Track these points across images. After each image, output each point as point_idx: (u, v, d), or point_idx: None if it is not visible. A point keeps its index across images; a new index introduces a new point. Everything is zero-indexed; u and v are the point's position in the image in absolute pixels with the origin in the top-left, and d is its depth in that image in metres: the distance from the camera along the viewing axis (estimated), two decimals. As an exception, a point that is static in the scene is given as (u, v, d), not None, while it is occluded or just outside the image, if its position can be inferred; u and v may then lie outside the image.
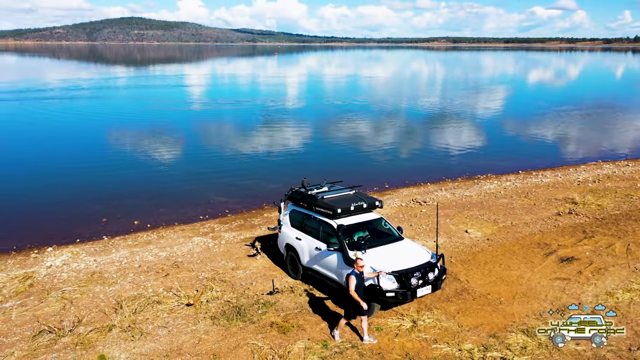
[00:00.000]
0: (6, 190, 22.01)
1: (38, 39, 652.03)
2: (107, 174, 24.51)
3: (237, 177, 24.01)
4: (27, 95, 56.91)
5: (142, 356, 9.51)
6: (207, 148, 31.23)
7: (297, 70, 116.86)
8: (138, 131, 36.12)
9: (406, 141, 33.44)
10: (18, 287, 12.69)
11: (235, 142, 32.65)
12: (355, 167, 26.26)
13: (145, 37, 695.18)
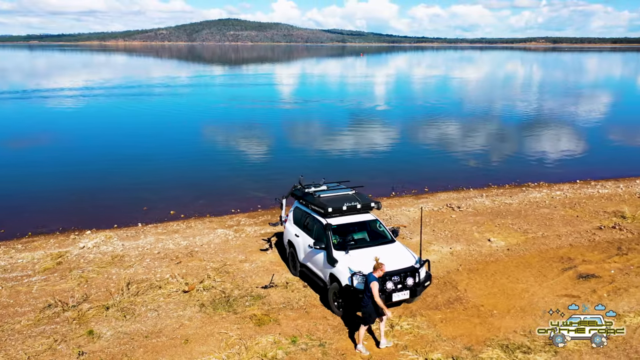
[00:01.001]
0: (71, 174, 24.16)
1: (144, 39, 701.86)
2: (167, 165, 26.14)
3: (285, 175, 24.36)
4: (130, 91, 61.77)
5: (125, 335, 10.18)
6: (273, 145, 31.94)
7: (384, 71, 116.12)
8: (215, 127, 38.27)
9: (468, 145, 32.28)
10: (48, 264, 13.98)
11: (303, 141, 33.25)
12: (404, 168, 26.12)
13: (240, 38, 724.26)
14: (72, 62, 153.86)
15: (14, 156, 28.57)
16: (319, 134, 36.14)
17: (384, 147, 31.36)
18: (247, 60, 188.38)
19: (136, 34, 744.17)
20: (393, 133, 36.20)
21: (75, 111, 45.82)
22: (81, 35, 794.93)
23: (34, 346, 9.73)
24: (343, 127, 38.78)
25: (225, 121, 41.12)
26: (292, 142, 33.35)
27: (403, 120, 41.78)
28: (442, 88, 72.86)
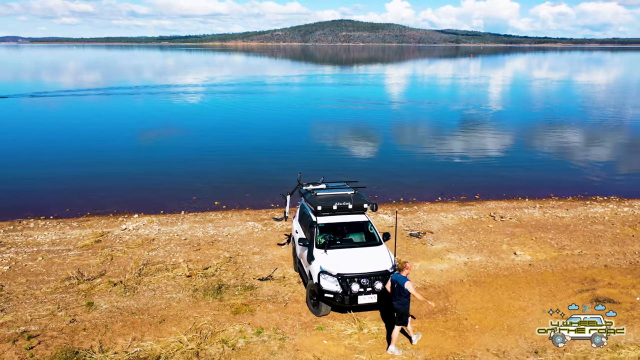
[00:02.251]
0: (146, 162, 26.41)
1: (261, 40, 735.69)
2: (239, 159, 27.40)
3: (353, 174, 24.47)
4: (242, 88, 65.74)
5: (117, 309, 11.14)
6: (358, 146, 32.00)
7: (497, 73, 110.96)
8: (313, 125, 39.27)
9: (552, 153, 30.16)
10: (89, 241, 15.57)
11: (385, 142, 33.13)
12: (466, 172, 25.15)
13: (352, 39, 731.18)
14: (194, 61, 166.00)
15: (108, 142, 31.74)
16: (408, 136, 35.71)
17: (458, 151, 30.27)
18: (357, 60, 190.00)
19: (254, 35, 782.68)
20: (477, 137, 34.66)
21: (188, 106, 49.38)
22: (205, 37, 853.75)
23: (39, 310, 11.00)
24: (431, 129, 38.13)
25: (325, 121, 41.64)
26: (375, 142, 33.15)
27: (497, 125, 39.69)
28: (557, 93, 67.87)
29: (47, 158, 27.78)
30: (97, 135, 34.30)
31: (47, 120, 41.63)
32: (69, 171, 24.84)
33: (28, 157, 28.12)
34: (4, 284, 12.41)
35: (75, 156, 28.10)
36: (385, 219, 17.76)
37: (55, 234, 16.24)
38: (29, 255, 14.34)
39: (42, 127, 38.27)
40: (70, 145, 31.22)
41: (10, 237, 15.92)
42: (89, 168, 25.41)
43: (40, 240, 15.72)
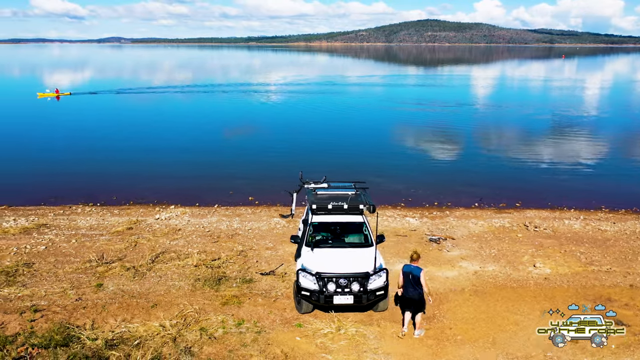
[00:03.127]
0: (200, 158, 27.71)
1: (345, 40, 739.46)
2: (290, 157, 27.98)
3: (397, 174, 24.34)
4: (324, 88, 67.06)
5: (121, 292, 11.90)
6: (412, 147, 31.83)
7: (591, 75, 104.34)
8: (374, 126, 39.51)
9: (617, 162, 28.05)
10: (121, 228, 16.67)
11: (445, 145, 32.39)
12: (515, 179, 24.10)
13: (437, 39, 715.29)
14: (278, 61, 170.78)
15: (173, 137, 33.61)
16: (471, 139, 34.63)
17: (517, 156, 28.94)
18: (442, 61, 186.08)
19: (338, 35, 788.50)
20: (544, 144, 32.83)
21: (264, 105, 51.05)
22: (291, 37, 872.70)
23: (54, 288, 12.02)
24: (497, 133, 36.79)
25: (399, 123, 41.49)
26: (435, 145, 32.52)
27: (571, 131, 37.30)
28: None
29: (112, 148, 29.96)
30: (164, 130, 36.49)
31: (122, 114, 44.87)
32: (125, 162, 26.66)
33: (96, 147, 30.46)
34: (35, 262, 13.63)
35: (136, 148, 30.06)
36: (410, 222, 17.43)
37: (95, 220, 17.54)
38: (65, 238, 15.62)
39: (117, 120, 41.25)
40: (136, 138, 33.45)
41: (57, 220, 17.40)
42: (145, 160, 27.12)
43: (80, 224, 17.05)
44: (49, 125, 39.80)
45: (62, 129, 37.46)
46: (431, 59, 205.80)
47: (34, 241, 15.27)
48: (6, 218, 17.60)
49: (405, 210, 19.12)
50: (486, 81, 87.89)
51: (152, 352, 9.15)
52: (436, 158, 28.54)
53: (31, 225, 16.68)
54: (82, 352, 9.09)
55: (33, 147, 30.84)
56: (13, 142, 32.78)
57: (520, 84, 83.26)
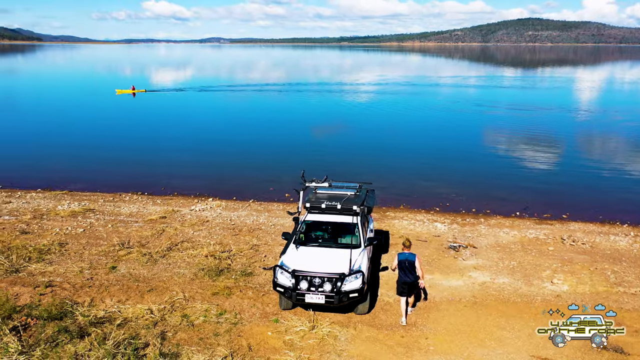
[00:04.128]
0: (258, 153, 28.66)
1: (438, 40, 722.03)
2: (348, 157, 28.30)
3: (447, 179, 23.75)
4: (413, 89, 66.53)
5: (129, 275, 12.73)
6: (469, 152, 30.81)
7: None
8: (453, 128, 38.52)
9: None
10: (155, 216, 17.73)
11: (509, 151, 31.11)
12: (573, 189, 22.40)
13: (539, 38, 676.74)
14: (369, 61, 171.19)
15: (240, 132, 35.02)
16: (542, 146, 32.86)
17: (587, 165, 26.98)
18: (543, 62, 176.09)
19: (431, 35, 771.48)
20: (631, 154, 30.36)
21: (348, 104, 51.23)
22: (383, 37, 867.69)
23: (73, 267, 13.11)
24: (578, 140, 34.54)
25: (478, 124, 40.35)
26: (499, 150, 31.26)
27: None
28: None
29: (171, 143, 31.80)
30: (233, 127, 38.17)
31: (194, 110, 47.37)
32: (181, 155, 28.19)
33: (156, 140, 32.50)
34: (69, 243, 14.93)
35: (200, 143, 31.67)
36: (437, 228, 16.88)
37: (136, 207, 18.79)
38: (104, 222, 16.92)
39: (186, 116, 43.62)
40: (196, 134, 35.20)
41: (103, 206, 18.86)
42: (201, 153, 28.53)
43: (122, 211, 18.36)
44: (120, 119, 42.89)
45: (130, 124, 40.30)
46: (531, 60, 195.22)
47: (76, 224, 16.68)
48: (63, 202, 19.34)
49: (437, 215, 18.54)
50: (592, 84, 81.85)
51: (130, 333, 9.74)
52: (498, 163, 27.33)
53: (80, 209, 18.22)
54: (70, 326, 9.88)
55: (100, 139, 33.54)
56: (83, 133, 35.77)
57: (632, 87, 76.66)
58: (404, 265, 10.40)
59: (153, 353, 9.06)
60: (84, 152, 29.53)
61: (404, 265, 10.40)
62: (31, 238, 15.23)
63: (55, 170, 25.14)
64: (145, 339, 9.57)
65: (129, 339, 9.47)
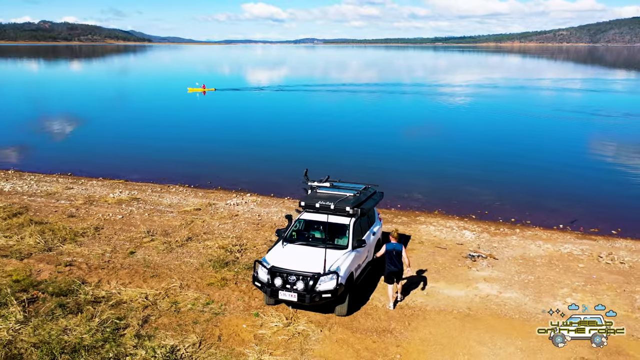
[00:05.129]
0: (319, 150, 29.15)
1: (540, 40, 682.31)
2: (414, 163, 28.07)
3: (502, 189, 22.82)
4: (512, 92, 64.37)
5: (143, 260, 13.56)
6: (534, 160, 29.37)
7: None
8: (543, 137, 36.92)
9: None
10: (190, 208, 18.67)
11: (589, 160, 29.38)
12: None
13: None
14: (465, 62, 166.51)
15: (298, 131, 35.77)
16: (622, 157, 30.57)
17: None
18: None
19: (533, 35, 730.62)
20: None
21: (438, 107, 49.70)
22: (480, 37, 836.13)
23: (97, 249, 14.20)
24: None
25: (557, 130, 38.24)
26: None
27: None
28: None
29: (233, 139, 33.09)
30: (303, 126, 38.96)
31: (261, 110, 48.80)
32: (239, 151, 29.29)
33: (219, 136, 33.95)
34: (104, 227, 16.18)
35: (258, 140, 32.73)
36: (464, 236, 16.24)
37: (177, 199, 19.88)
38: (142, 211, 18.11)
39: (251, 114, 45.09)
40: (263, 131, 36.31)
41: (149, 196, 20.16)
42: (255, 149, 29.46)
43: (164, 201, 19.51)
44: (187, 115, 45.18)
45: (194, 120, 42.34)
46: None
47: (118, 211, 18.01)
48: (116, 190, 20.92)
49: (469, 223, 17.80)
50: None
51: (119, 314, 10.45)
52: (562, 171, 25.46)
53: (127, 198, 19.63)
54: (70, 303, 10.79)
55: (164, 132, 35.68)
56: (151, 126, 38.22)
57: None
58: (392, 254, 11.01)
59: (129, 334, 9.66)
60: (148, 144, 31.76)
61: (392, 254, 11.01)
62: (74, 221, 16.66)
63: (119, 160, 27.26)
64: (129, 320, 10.21)
65: (114, 319, 10.15)
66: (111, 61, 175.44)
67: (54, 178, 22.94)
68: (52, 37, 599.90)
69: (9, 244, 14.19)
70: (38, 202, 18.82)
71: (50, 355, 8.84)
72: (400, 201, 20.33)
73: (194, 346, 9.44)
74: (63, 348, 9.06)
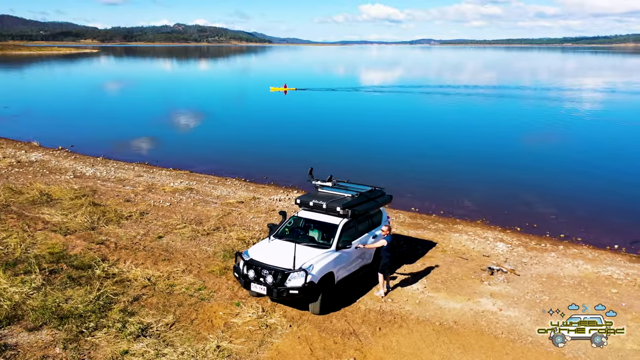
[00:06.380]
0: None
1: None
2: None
3: None
4: None
5: (166, 245, 14.61)
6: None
7: None
8: None
9: None
10: (234, 200, 19.63)
11: None
12: None
13: None
14: (597, 64, 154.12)
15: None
16: None
17: None
18: None
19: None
20: None
21: (564, 116, 45.43)
22: (617, 37, 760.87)
23: (132, 232, 15.56)
24: None
25: None
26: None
27: None
28: None
29: (304, 137, 33.84)
30: (392, 128, 38.83)
31: (351, 110, 49.01)
32: (307, 149, 29.96)
33: (289, 132, 34.87)
34: (149, 213, 17.62)
35: (332, 139, 33.21)
36: (495, 247, 15.37)
37: (227, 191, 20.99)
38: (190, 200, 19.41)
39: (338, 114, 45.52)
40: (341, 130, 36.69)
41: (203, 187, 21.48)
42: (326, 149, 29.95)
43: (214, 193, 20.72)
44: (267, 113, 46.76)
45: (272, 117, 43.70)
46: None
47: (170, 198, 19.47)
48: (178, 180, 22.58)
49: (509, 235, 16.76)
50: None
51: (118, 290, 11.48)
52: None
53: (182, 188, 21.13)
54: (84, 275, 12.05)
55: (241, 128, 37.30)
56: (231, 122, 40.20)
57: None
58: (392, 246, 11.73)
59: (117, 308, 10.59)
60: (220, 138, 33.92)
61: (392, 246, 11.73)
62: (127, 205, 18.34)
63: (191, 152, 29.35)
64: (122, 296, 11.18)
65: (111, 294, 11.18)
66: (229, 61, 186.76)
67: (131, 166, 25.25)
68: (184, 38, 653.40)
69: (62, 221, 16.05)
70: (107, 187, 20.93)
71: (42, 319, 10.01)
72: (445, 207, 19.62)
73: (166, 326, 10.11)
74: (56, 314, 10.19)
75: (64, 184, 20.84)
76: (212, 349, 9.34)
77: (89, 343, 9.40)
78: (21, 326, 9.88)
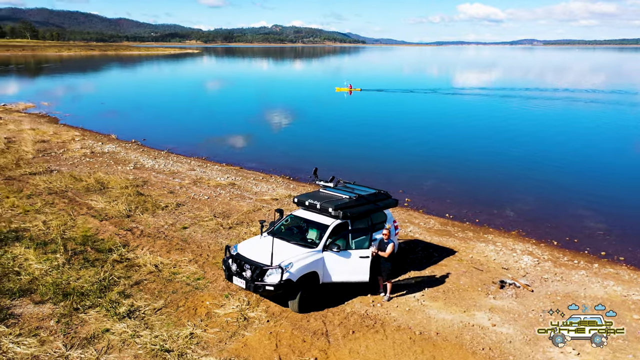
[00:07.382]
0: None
1: None
2: None
3: None
4: None
5: (187, 235, 15.34)
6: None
7: None
8: None
9: None
10: (269, 197, 20.18)
11: None
12: None
13: None
14: None
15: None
16: None
17: None
18: None
19: None
20: None
21: None
22: None
23: (161, 221, 16.55)
24: None
25: None
26: None
27: None
28: None
29: (364, 137, 33.72)
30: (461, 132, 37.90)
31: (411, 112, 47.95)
32: (360, 149, 29.93)
33: (348, 131, 34.84)
34: (186, 204, 18.62)
35: (391, 141, 32.88)
36: (521, 261, 14.56)
37: (267, 188, 21.59)
38: (228, 195, 20.24)
39: (398, 116, 44.71)
40: (400, 133, 36.18)
41: (246, 183, 22.25)
42: (383, 150, 29.77)
43: (254, 189, 21.41)
44: (342, 112, 46.76)
45: (335, 118, 43.64)
46: None
47: (210, 192, 20.44)
48: (225, 175, 23.58)
49: (542, 248, 15.79)
50: None
51: (125, 274, 12.36)
52: None
53: (225, 182, 22.07)
54: (101, 258, 13.10)
55: (299, 127, 37.79)
56: (289, 123, 40.75)
57: None
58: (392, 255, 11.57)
59: (116, 290, 11.43)
60: (278, 137, 34.60)
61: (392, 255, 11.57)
62: (169, 197, 19.50)
63: (248, 149, 30.43)
64: (125, 280, 12.02)
65: (116, 277, 12.07)
66: (319, 61, 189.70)
67: (188, 160, 26.73)
68: (280, 39, 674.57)
69: (104, 208, 17.45)
70: (158, 178, 22.36)
71: (48, 294, 11.05)
72: (483, 215, 18.81)
73: (153, 310, 10.75)
74: (62, 290, 11.21)
75: (122, 174, 22.54)
76: (184, 335, 9.80)
77: (80, 319, 10.23)
78: (30, 299, 10.97)
